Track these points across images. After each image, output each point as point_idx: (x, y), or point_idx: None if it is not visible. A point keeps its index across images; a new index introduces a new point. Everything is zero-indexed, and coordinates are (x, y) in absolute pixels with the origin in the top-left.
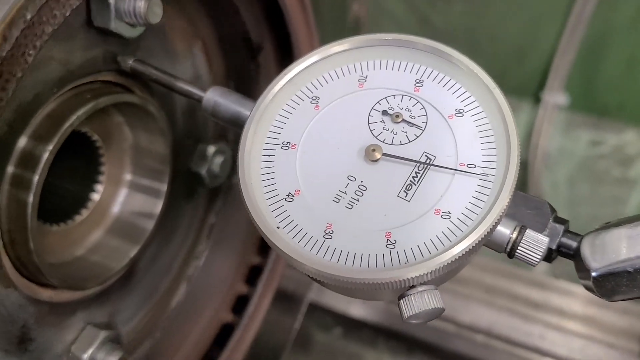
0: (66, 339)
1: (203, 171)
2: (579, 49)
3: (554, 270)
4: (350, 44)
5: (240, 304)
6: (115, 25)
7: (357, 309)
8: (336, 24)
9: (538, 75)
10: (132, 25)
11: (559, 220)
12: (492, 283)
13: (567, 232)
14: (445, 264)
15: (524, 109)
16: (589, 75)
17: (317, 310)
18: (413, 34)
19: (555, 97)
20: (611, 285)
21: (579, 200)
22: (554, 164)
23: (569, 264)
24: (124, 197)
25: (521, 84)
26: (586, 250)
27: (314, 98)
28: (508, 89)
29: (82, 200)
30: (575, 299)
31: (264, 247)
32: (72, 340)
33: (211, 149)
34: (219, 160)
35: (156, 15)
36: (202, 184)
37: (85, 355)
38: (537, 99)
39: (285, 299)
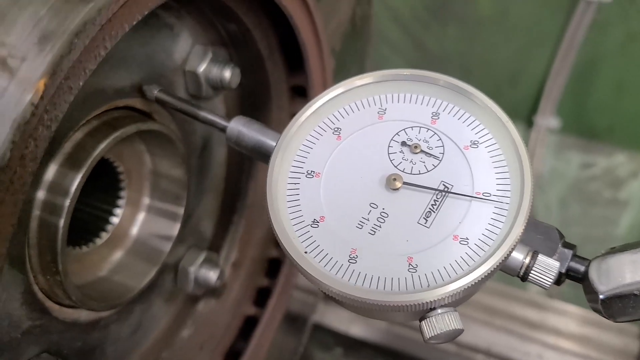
0: None
1: None
2: (570, 74)
3: (549, 290)
4: (373, 78)
5: (249, 326)
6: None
7: (357, 329)
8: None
9: (530, 99)
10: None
11: (567, 245)
12: (490, 304)
13: (575, 256)
14: (465, 287)
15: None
16: (579, 99)
17: (319, 330)
18: (408, 58)
19: (547, 120)
20: (618, 307)
21: (570, 221)
22: (546, 185)
23: (563, 285)
24: (143, 220)
25: (514, 107)
26: (593, 274)
27: (336, 129)
28: None
29: (103, 223)
30: (572, 319)
31: (272, 269)
32: None
33: None
34: None
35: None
36: None
37: None
38: (529, 123)
39: (290, 321)
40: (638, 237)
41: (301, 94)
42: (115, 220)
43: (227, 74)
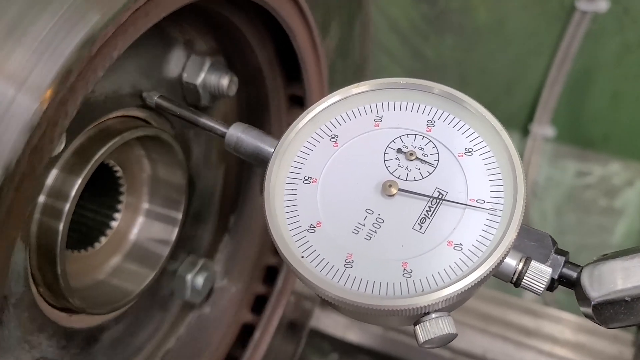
0: None
1: None
2: (565, 83)
3: (544, 297)
4: (369, 86)
5: (246, 333)
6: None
7: (353, 335)
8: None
9: (526, 107)
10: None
11: (560, 252)
12: (486, 310)
13: (567, 263)
14: (459, 292)
15: (513, 140)
16: (575, 109)
17: (315, 336)
18: (406, 67)
19: (543, 129)
20: (609, 313)
21: (566, 229)
22: (542, 193)
23: (558, 292)
24: (142, 225)
25: (510, 116)
26: (585, 281)
27: (333, 136)
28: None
29: (102, 227)
30: (567, 326)
31: (269, 276)
32: None
33: None
34: None
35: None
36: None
37: None
38: (525, 131)
39: (287, 327)
40: (633, 245)
41: (299, 104)
42: (114, 224)
43: (224, 82)
